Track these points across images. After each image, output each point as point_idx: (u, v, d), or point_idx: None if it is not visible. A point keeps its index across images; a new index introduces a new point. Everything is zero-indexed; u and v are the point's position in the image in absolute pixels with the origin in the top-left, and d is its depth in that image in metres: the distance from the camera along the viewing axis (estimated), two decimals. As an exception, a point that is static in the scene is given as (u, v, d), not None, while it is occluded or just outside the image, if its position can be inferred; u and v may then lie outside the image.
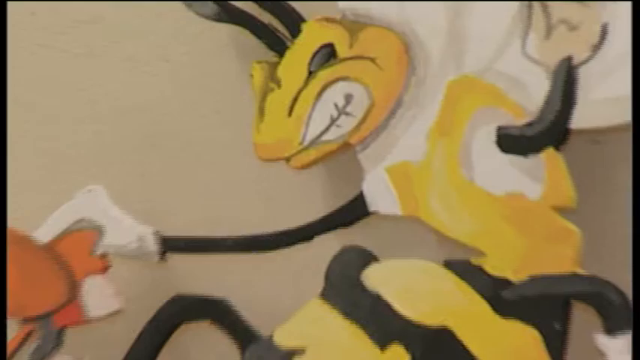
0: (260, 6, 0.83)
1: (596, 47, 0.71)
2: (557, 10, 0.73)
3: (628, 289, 0.85)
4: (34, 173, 0.90)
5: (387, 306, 0.73)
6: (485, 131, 0.75)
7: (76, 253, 0.81)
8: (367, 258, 0.77)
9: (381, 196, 0.78)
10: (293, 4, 0.85)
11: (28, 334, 0.85)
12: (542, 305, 0.75)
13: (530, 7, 0.75)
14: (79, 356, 0.83)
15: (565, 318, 0.75)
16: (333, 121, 0.77)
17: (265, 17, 0.84)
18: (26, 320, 0.84)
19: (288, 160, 0.79)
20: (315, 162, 0.79)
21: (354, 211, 0.80)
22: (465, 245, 0.77)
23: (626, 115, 0.73)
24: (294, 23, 0.81)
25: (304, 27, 0.81)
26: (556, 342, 0.74)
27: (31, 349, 0.84)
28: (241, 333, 0.81)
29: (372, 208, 0.80)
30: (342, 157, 0.83)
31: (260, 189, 0.86)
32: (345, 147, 0.79)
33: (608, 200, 0.80)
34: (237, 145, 0.84)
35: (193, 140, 0.89)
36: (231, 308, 0.82)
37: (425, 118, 0.77)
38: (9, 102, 0.96)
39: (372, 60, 0.77)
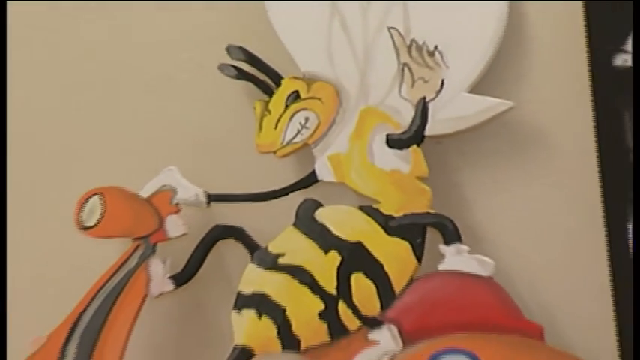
0: (259, 70, 0.94)
1: (438, 92, 0.87)
2: (417, 72, 0.88)
3: (453, 218, 0.88)
4: (141, 162, 0.99)
5: (328, 230, 0.88)
6: (379, 137, 0.89)
7: (162, 203, 0.93)
8: (317, 204, 0.91)
9: (324, 171, 0.92)
10: (276, 68, 0.94)
11: (137, 247, 0.92)
12: (411, 229, 0.88)
13: (403, 70, 0.89)
14: (164, 259, 0.93)
15: (423, 236, 0.88)
16: (298, 132, 0.91)
17: (262, 76, 0.94)
18: (135, 239, 0.93)
19: (274, 153, 0.91)
20: (289, 154, 0.92)
21: (310, 180, 0.92)
22: (370, 198, 0.90)
23: (454, 128, 0.89)
24: (277, 79, 0.93)
25: (283, 81, 0.93)
26: (418, 250, 0.88)
27: (138, 254, 0.90)
28: (251, 245, 0.93)
29: (319, 178, 0.91)
30: (304, 151, 0.92)
31: (259, 168, 0.95)
32: (305, 146, 0.91)
33: (444, 174, 0.93)
34: (246, 145, 0.93)
35: (223, 144, 0.98)
36: (245, 232, 0.93)
37: (348, 130, 0.91)
38: (132, 123, 1.04)
39: (319, 99, 0.91)
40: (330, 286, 0.85)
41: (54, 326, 0.92)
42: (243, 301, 0.88)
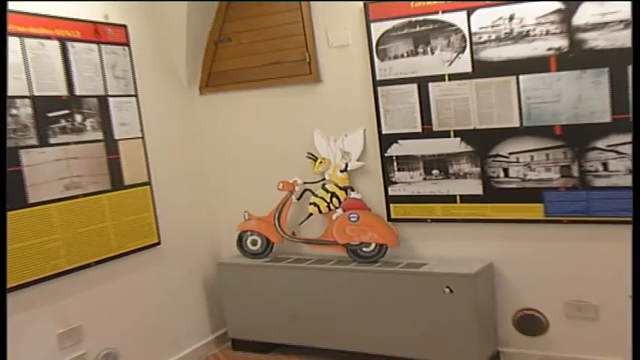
0: (314, 156, 3.32)
1: (350, 161, 3.34)
2: (344, 157, 3.30)
3: (353, 186, 3.32)
4: (289, 174, 3.32)
5: (327, 189, 3.44)
6: (338, 169, 3.36)
7: (294, 183, 3.41)
8: (325, 183, 3.38)
9: (326, 177, 3.38)
10: (316, 154, 3.32)
11: (288, 191, 3.39)
12: (344, 187, 3.40)
13: (342, 156, 3.28)
14: (296, 195, 3.33)
15: (347, 190, 3.40)
16: (322, 169, 3.38)
17: (313, 157, 3.30)
18: (288, 192, 3.40)
19: (316, 173, 3.31)
20: (319, 174, 3.36)
21: (324, 179, 3.38)
22: (336, 182, 3.36)
23: (352, 168, 3.32)
24: (316, 159, 3.33)
25: (318, 158, 3.37)
26: (348, 194, 3.42)
27: (289, 194, 3.37)
28: (313, 193, 3.33)
29: (326, 178, 3.34)
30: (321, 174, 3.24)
31: (313, 177, 3.28)
32: (322, 172, 3.34)
33: (351, 178, 3.32)
34: (310, 171, 3.31)
35: (307, 170, 3.34)
36: (312, 190, 3.36)
37: (331, 169, 3.34)
38: (286, 164, 3.57)
39: (325, 163, 3.37)
40: (328, 199, 3.47)
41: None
42: (310, 203, 3.52)
